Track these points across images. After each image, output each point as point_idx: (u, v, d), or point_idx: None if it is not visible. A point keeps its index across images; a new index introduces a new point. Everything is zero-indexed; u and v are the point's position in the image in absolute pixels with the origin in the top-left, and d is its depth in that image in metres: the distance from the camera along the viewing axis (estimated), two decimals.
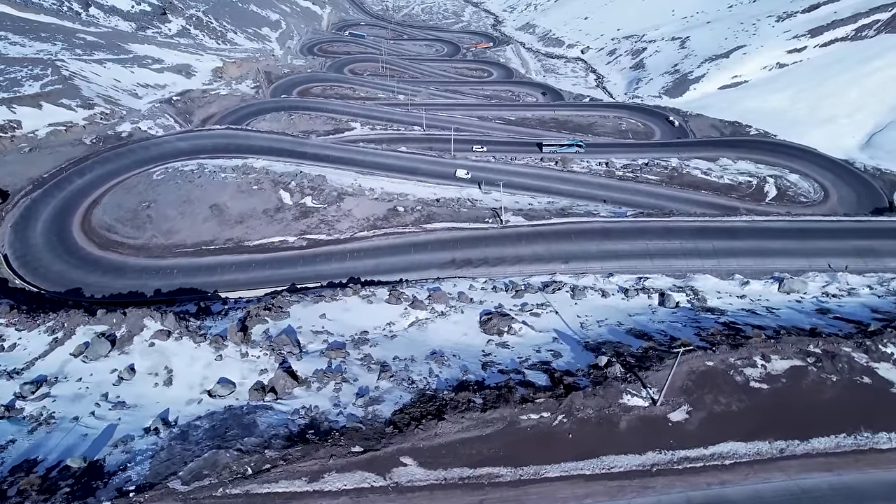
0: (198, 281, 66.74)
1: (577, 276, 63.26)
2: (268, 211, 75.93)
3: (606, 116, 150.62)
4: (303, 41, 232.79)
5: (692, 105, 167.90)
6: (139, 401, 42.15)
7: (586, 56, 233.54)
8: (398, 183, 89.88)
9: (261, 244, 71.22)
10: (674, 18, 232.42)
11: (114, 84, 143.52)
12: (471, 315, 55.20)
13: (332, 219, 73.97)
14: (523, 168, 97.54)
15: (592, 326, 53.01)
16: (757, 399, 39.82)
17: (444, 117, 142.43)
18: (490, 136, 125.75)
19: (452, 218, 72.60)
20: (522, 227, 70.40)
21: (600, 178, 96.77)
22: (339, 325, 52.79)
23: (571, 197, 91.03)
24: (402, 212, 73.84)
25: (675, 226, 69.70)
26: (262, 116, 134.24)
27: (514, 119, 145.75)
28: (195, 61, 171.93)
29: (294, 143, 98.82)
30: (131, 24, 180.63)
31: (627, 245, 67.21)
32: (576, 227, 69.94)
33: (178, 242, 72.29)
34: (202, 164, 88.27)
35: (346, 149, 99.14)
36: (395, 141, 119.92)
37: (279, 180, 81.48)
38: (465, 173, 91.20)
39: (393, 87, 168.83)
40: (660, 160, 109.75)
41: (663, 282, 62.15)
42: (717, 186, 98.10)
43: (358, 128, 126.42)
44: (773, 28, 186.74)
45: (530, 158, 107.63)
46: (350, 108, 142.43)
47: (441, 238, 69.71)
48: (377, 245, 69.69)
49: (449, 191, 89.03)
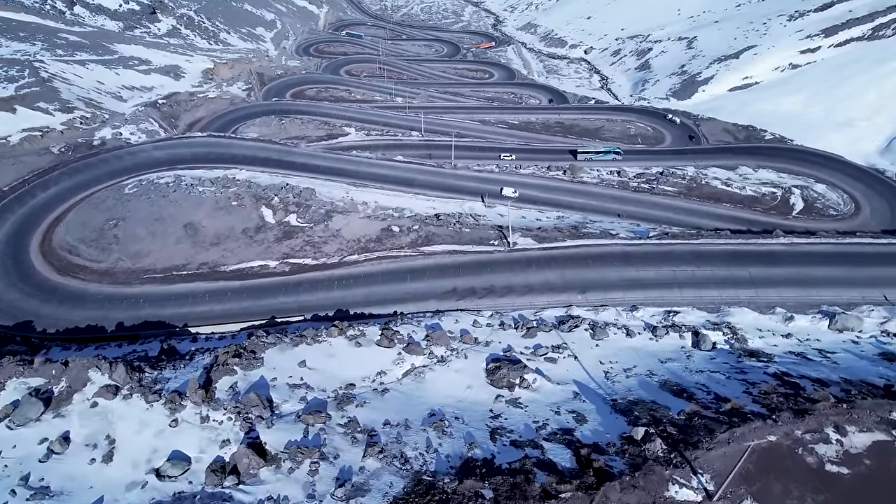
0: (166, 312, 58.29)
1: (597, 309, 54.86)
2: (247, 231, 67.46)
3: (614, 120, 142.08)
4: (298, 41, 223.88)
5: (702, 108, 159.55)
6: (67, 485, 33.53)
7: (589, 57, 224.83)
8: (394, 196, 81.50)
9: (238, 269, 62.79)
10: (679, 18, 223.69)
11: (96, 86, 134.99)
12: (476, 361, 46.78)
13: (318, 240, 65.53)
14: (530, 179, 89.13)
15: (619, 376, 44.65)
16: (837, 488, 31.50)
17: (443, 121, 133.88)
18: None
19: (453, 239, 64.19)
20: (532, 250, 61.94)
21: (613, 189, 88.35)
22: (321, 375, 44.32)
23: (583, 211, 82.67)
24: (397, 232, 65.43)
25: (705, 249, 61.25)
26: (252, 121, 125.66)
27: (518, 123, 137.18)
28: (185, 62, 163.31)
29: (281, 152, 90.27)
30: (118, 24, 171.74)
31: (652, 272, 58.80)
32: (593, 251, 61.48)
33: (147, 267, 63.82)
34: (179, 175, 79.74)
35: (337, 158, 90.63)
36: (392, 147, 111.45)
37: (262, 195, 72.95)
38: (512, 192, 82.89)
39: (390, 89, 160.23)
40: (675, 168, 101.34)
41: (695, 316, 53.80)
42: (739, 198, 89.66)
43: (352, 133, 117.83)
44: (785, 27, 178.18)
45: (536, 167, 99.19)
46: (345, 111, 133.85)
47: (441, 263, 61.32)
48: (368, 271, 61.28)
49: (449, 204, 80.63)
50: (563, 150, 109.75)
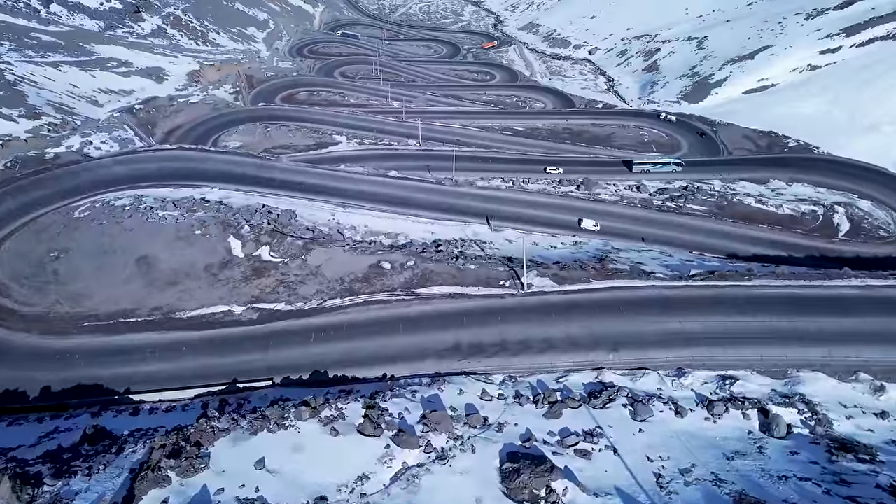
0: (106, 374, 46.73)
1: (634, 374, 43.42)
2: (211, 267, 55.90)
3: (626, 126, 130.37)
4: (292, 42, 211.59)
5: (716, 111, 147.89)
6: None
7: (594, 57, 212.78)
8: (386, 218, 70.03)
9: (197, 316, 51.21)
10: (688, 17, 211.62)
11: (69, 90, 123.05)
12: (486, 456, 35.29)
13: (294, 279, 54.00)
14: (540, 197, 77.60)
15: (675, 483, 33.25)
16: None
17: (443, 127, 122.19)
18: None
19: (455, 279, 52.65)
20: (551, 293, 50.43)
21: (636, 208, 76.86)
22: (283, 483, 32.79)
23: (603, 236, 71.25)
24: (388, 270, 53.91)
25: (760, 293, 49.73)
26: (235, 128, 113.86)
27: (523, 129, 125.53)
28: (168, 64, 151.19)
29: (260, 167, 78.54)
30: (98, 23, 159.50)
31: (698, 323, 47.33)
32: (624, 296, 49.93)
33: (89, 311, 52.24)
34: (140, 196, 68.05)
35: (323, 174, 78.91)
36: (386, 158, 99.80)
37: (231, 221, 61.25)
38: (593, 224, 71.94)
39: (386, 92, 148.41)
40: (700, 182, 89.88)
41: (757, 384, 42.45)
42: (776, 218, 78.22)
43: (343, 142, 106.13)
44: (803, 27, 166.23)
45: (546, 182, 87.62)
46: (336, 117, 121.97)
47: (441, 310, 49.81)
48: (353, 320, 49.72)
49: (449, 228, 69.09)
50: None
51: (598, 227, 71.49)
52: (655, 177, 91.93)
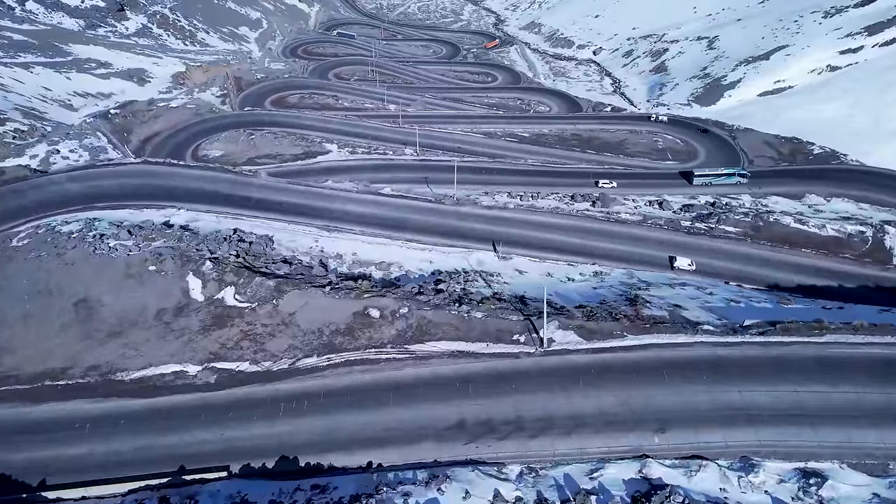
0: (17, 460, 36.42)
1: (687, 466, 33.23)
2: (164, 313, 45.59)
3: (638, 132, 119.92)
4: (286, 42, 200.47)
5: (729, 115, 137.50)
6: None
7: (599, 58, 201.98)
8: (378, 245, 59.71)
9: (142, 379, 40.88)
10: (696, 16, 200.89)
11: (41, 93, 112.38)
12: None
13: (262, 330, 43.72)
14: (553, 218, 67.25)
15: None
16: None
17: (442, 133, 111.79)
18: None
19: (458, 332, 42.36)
20: (577, 353, 40.14)
21: (662, 230, 66.55)
22: None
23: (627, 262, 61.01)
24: (377, 319, 43.59)
25: (837, 353, 39.48)
26: (217, 135, 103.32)
27: (529, 135, 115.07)
28: (152, 65, 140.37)
29: (235, 184, 67.98)
30: (78, 22, 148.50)
31: (762, 394, 37.09)
32: (667, 356, 39.60)
33: (8, 371, 41.85)
34: (92, 220, 57.54)
35: (306, 192, 68.37)
36: (381, 169, 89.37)
37: (193, 254, 50.75)
38: (688, 263, 61.34)
39: (382, 94, 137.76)
40: (729, 198, 79.59)
41: (851, 485, 32.31)
42: (819, 241, 67.91)
43: (334, 151, 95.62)
44: (821, 25, 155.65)
45: (557, 197, 77.18)
46: (327, 123, 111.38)
47: (441, 375, 39.54)
48: (332, 386, 39.45)
49: (450, 257, 58.79)
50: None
51: (693, 266, 60.94)
52: (678, 192, 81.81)
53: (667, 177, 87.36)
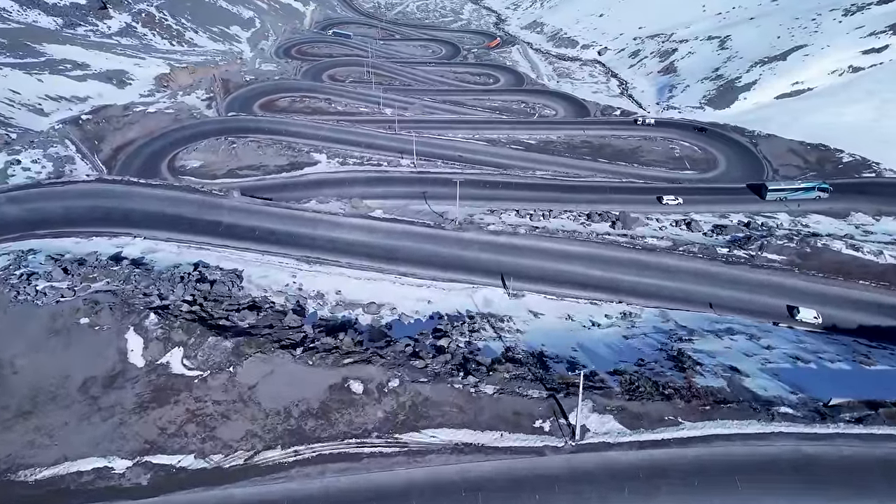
0: None
1: None
2: (91, 384, 35.57)
3: (652, 138, 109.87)
4: (279, 42, 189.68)
5: (745, 119, 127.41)
6: None
7: (604, 58, 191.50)
8: (367, 280, 49.76)
9: (53, 479, 30.80)
10: (706, 14, 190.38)
11: (8, 97, 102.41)
12: None
13: (213, 410, 33.67)
14: (569, 245, 57.13)
15: None
16: None
17: (442, 140, 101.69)
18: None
19: (463, 414, 32.21)
20: (619, 447, 30.03)
21: (695, 259, 56.51)
22: None
23: (656, 298, 51.11)
24: (359, 396, 33.37)
25: None
26: (197, 144, 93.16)
27: (535, 143, 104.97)
28: (133, 66, 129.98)
29: (203, 206, 57.72)
30: (56, 21, 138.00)
31: None
32: (738, 454, 29.39)
33: None
34: (25, 254, 47.40)
35: (285, 215, 58.10)
36: (374, 182, 79.36)
37: (138, 301, 40.65)
38: (813, 316, 50.13)
39: (378, 97, 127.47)
40: (765, 216, 69.67)
41: None
42: (877, 271, 57.77)
43: (322, 161, 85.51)
44: (841, 24, 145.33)
45: (571, 216, 67.32)
46: (318, 129, 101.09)
47: (442, 479, 29.49)
48: (298, 492, 29.54)
49: (452, 296, 48.82)
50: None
51: (819, 319, 49.99)
52: (705, 210, 71.93)
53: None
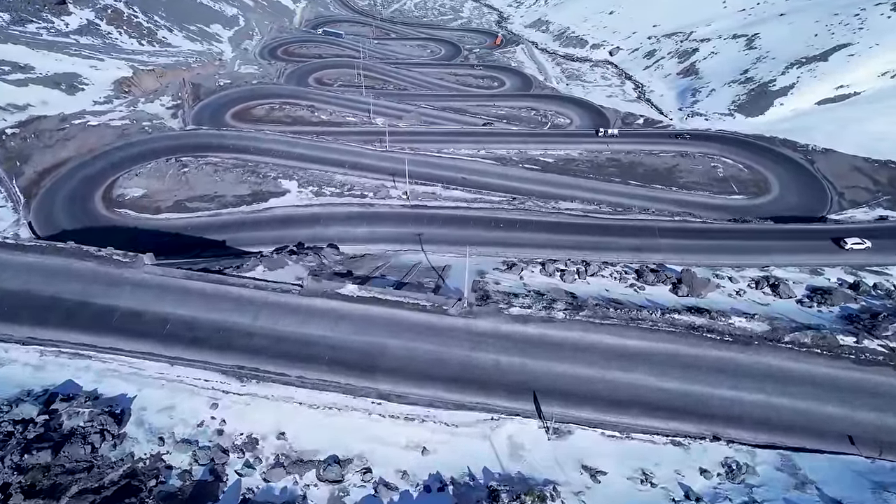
0: None
1: None
2: None
3: (690, 154, 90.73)
4: (264, 41, 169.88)
5: (782, 128, 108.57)
6: None
7: (616, 59, 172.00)
8: (327, 411, 30.96)
9: None
10: (727, 11, 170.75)
11: None
12: None
13: None
14: (629, 340, 37.89)
15: None
16: None
17: (441, 159, 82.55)
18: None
19: None
20: None
21: (813, 358, 37.61)
22: None
23: (766, 429, 32.24)
24: None
25: None
26: (143, 165, 73.97)
27: (553, 161, 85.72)
28: (89, 69, 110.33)
29: (95, 282, 38.32)
30: (3, 17, 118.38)
31: None
32: None
33: None
34: None
35: (214, 293, 38.42)
36: (355, 220, 60.31)
37: None
38: None
39: (369, 104, 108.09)
40: (869, 269, 50.76)
41: None
42: None
43: (293, 191, 66.32)
44: (889, 19, 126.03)
45: (616, 274, 48.48)
46: (292, 146, 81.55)
47: None
48: None
49: (459, 436, 30.05)
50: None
51: None
52: (785, 261, 53.00)
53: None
